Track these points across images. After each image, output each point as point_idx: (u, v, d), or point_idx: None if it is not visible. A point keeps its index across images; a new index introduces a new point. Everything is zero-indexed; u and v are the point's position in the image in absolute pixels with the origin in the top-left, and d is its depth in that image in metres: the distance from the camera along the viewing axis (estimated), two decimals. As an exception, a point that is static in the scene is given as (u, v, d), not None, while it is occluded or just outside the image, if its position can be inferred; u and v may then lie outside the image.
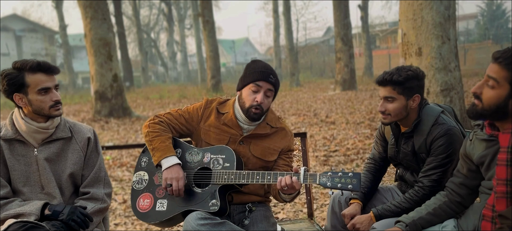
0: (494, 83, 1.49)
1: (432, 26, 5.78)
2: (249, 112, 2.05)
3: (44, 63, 1.83)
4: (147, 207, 2.07)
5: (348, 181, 1.77)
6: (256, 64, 2.10)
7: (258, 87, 2.03)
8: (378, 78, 2.01)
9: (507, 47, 1.51)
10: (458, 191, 1.75)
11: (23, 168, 1.88)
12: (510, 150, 1.49)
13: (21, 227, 1.64)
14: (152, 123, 2.12)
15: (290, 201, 2.03)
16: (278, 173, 1.90)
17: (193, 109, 2.19)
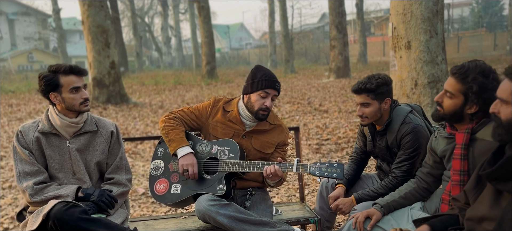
0: (451, 95, 1.78)
1: (421, 20, 6.00)
2: (258, 114, 2.36)
3: (75, 66, 2.13)
4: (163, 190, 2.38)
5: (333, 170, 2.09)
6: (263, 72, 2.40)
7: (267, 93, 2.35)
8: (353, 87, 2.30)
9: (463, 63, 1.78)
10: (425, 179, 2.05)
11: (58, 157, 2.14)
12: (464, 146, 1.78)
13: (64, 205, 1.90)
14: (168, 119, 2.42)
15: (274, 186, 2.36)
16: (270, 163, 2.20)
17: (202, 107, 2.50)
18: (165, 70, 33.19)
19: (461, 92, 1.75)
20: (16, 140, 2.14)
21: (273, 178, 2.18)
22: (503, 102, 1.42)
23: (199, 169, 2.35)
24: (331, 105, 10.11)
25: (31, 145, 2.12)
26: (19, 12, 40.16)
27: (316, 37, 40.91)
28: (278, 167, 2.15)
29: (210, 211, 2.10)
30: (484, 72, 1.72)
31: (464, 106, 1.76)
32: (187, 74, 24.98)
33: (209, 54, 19.73)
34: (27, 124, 2.19)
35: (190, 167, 2.28)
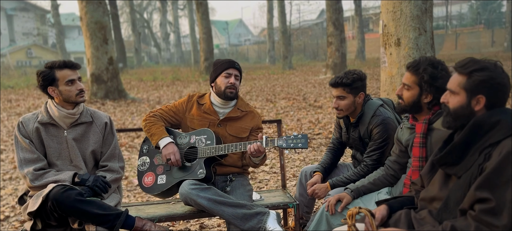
0: (408, 87, 1.98)
1: (410, 18, 6.16)
2: (225, 93, 2.58)
3: (68, 61, 2.32)
4: (150, 182, 2.58)
5: (298, 141, 2.30)
6: (221, 59, 2.68)
7: (229, 74, 2.58)
8: (331, 81, 2.50)
9: (416, 59, 1.98)
10: (392, 166, 2.24)
11: (56, 146, 2.32)
12: (422, 135, 1.96)
13: (62, 188, 2.09)
14: (149, 117, 2.65)
15: (259, 163, 2.56)
16: (246, 143, 2.41)
17: (179, 104, 2.73)
18: (164, 66, 33.28)
19: (416, 83, 1.95)
20: (17, 130, 2.32)
21: (257, 155, 2.37)
22: (452, 93, 1.60)
23: (181, 159, 2.54)
24: (326, 101, 10.27)
25: (32, 134, 2.30)
26: (17, 8, 40.17)
27: (315, 34, 40.98)
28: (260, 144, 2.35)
29: (191, 194, 2.29)
30: (433, 63, 1.94)
31: (420, 96, 1.96)
32: (185, 70, 25.09)
33: (207, 50, 19.81)
34: (28, 115, 2.36)
35: (172, 155, 2.47)
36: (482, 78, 1.52)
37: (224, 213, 2.27)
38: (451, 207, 1.55)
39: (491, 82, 1.51)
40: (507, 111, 1.53)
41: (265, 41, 37.51)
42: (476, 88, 1.53)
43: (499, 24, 33.53)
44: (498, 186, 1.41)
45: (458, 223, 1.47)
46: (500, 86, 1.52)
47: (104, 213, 2.10)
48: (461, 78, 1.56)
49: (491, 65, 1.54)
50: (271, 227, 2.25)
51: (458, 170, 1.56)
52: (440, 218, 1.56)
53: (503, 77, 1.53)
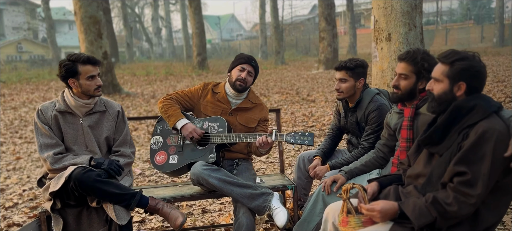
0: (405, 76, 2.17)
1: (401, 14, 6.35)
2: (235, 85, 2.78)
3: (92, 57, 2.47)
4: (162, 161, 2.76)
5: (305, 138, 2.50)
6: (242, 54, 2.89)
7: (243, 68, 2.78)
8: (335, 65, 2.72)
9: (407, 50, 2.18)
10: (382, 149, 2.44)
11: (73, 132, 2.49)
12: (410, 118, 2.17)
13: (83, 169, 2.25)
14: (165, 99, 2.81)
15: (265, 153, 2.75)
16: (256, 134, 2.60)
17: (194, 90, 2.91)
18: (156, 61, 33.22)
19: (413, 72, 2.15)
20: (37, 117, 2.47)
21: (265, 147, 2.58)
22: (436, 81, 1.80)
23: (192, 142, 2.73)
24: (319, 95, 10.49)
25: (50, 121, 2.46)
26: (7, 2, 39.69)
27: (307, 29, 41.16)
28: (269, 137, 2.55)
29: (203, 174, 2.48)
30: (425, 52, 2.16)
31: (416, 83, 2.16)
32: (178, 65, 25.12)
33: (200, 45, 19.87)
34: (46, 104, 2.52)
35: (194, 132, 2.67)
36: (463, 67, 1.72)
37: (233, 192, 2.47)
38: (433, 181, 1.76)
39: (471, 70, 1.72)
40: (483, 96, 1.74)
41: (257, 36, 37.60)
42: (458, 76, 1.73)
43: (489, 20, 34.02)
44: (474, 161, 1.62)
45: (439, 194, 1.68)
46: (478, 74, 1.73)
47: (121, 192, 2.28)
48: (444, 67, 1.77)
49: (470, 55, 1.75)
50: (275, 206, 2.45)
51: (440, 149, 1.77)
52: (424, 191, 1.77)
53: (481, 66, 1.74)
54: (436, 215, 1.65)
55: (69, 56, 2.46)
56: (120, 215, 2.25)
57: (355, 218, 1.83)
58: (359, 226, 1.82)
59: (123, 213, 2.27)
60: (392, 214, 1.74)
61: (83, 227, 2.39)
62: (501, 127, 1.64)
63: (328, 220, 2.01)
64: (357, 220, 1.83)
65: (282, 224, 2.41)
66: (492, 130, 1.62)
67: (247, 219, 2.43)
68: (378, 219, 1.76)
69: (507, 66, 13.59)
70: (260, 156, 2.81)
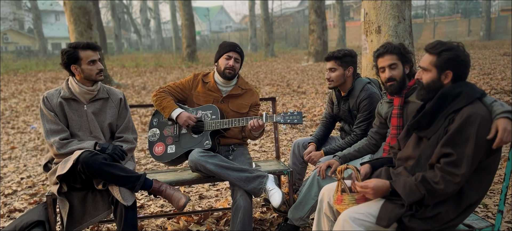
0: (395, 65, 2.32)
1: (390, 7, 6.51)
2: (224, 73, 2.87)
3: (91, 43, 2.55)
4: (161, 152, 2.86)
5: (294, 117, 2.62)
6: (226, 42, 2.97)
7: (229, 56, 2.86)
8: (325, 56, 2.86)
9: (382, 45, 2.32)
10: (374, 136, 2.58)
11: (77, 118, 2.57)
12: (399, 107, 2.30)
13: (90, 153, 2.34)
14: (159, 92, 2.91)
15: (258, 136, 2.87)
16: (248, 118, 2.71)
17: (185, 81, 3.00)
18: (145, 53, 33.02)
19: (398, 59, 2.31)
20: (42, 103, 2.54)
21: (257, 129, 2.69)
22: (424, 70, 1.93)
23: (189, 131, 2.84)
24: (309, 87, 10.62)
25: (56, 108, 2.53)
26: (-8, -8, 38.84)
27: (296, 21, 41.25)
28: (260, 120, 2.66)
29: (201, 161, 2.59)
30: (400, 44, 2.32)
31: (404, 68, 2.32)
32: (168, 56, 25.03)
33: (190, 36, 19.80)
34: (51, 91, 2.59)
35: (189, 120, 2.78)
36: (449, 56, 1.85)
37: (229, 176, 2.58)
38: (422, 163, 1.90)
39: (457, 59, 1.85)
40: (467, 84, 1.88)
41: (246, 28, 37.57)
42: (445, 65, 1.86)
43: (476, 13, 34.50)
44: (459, 143, 1.76)
45: (427, 174, 1.82)
46: (463, 62, 1.86)
47: (126, 175, 2.37)
48: (432, 57, 1.90)
49: (455, 46, 1.88)
50: (271, 187, 2.57)
51: (428, 133, 1.91)
52: (413, 172, 1.91)
53: (465, 55, 1.87)
54: (425, 192, 1.79)
55: (69, 44, 2.55)
56: (125, 197, 2.35)
57: (349, 196, 1.97)
58: (352, 204, 1.95)
59: (128, 195, 2.37)
60: (384, 191, 1.88)
61: (88, 210, 2.49)
62: (484, 112, 1.78)
63: (323, 199, 2.14)
64: (351, 198, 1.96)
65: (277, 204, 2.53)
66: (476, 114, 1.76)
67: (244, 201, 2.54)
68: (371, 196, 1.89)
69: (493, 60, 13.91)
70: (254, 139, 2.93)
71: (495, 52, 16.85)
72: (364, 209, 1.88)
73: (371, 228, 1.84)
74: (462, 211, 1.86)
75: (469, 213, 1.91)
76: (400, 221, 1.82)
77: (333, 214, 2.12)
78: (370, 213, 1.86)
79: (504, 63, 12.69)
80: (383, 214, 1.83)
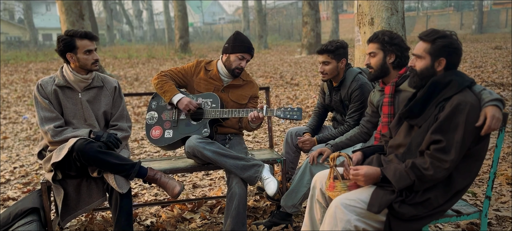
0: (374, 53, 2.35)
1: (383, -1, 6.52)
2: (234, 71, 2.89)
3: (89, 32, 2.53)
4: (158, 135, 2.87)
5: (294, 113, 2.64)
6: (243, 38, 2.90)
7: (243, 57, 2.87)
8: (317, 49, 2.86)
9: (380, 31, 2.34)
10: (366, 125, 2.62)
11: (72, 106, 2.57)
12: (390, 95, 2.34)
13: (85, 141, 2.34)
14: (160, 75, 2.91)
15: (256, 128, 2.89)
16: (248, 110, 2.73)
17: (187, 67, 3.00)
18: (137, 44, 32.78)
19: (380, 48, 2.34)
20: (37, 91, 2.54)
21: (256, 121, 2.71)
22: (418, 57, 1.96)
23: (187, 118, 2.85)
24: (302, 79, 10.66)
25: (50, 96, 2.53)
26: (-19, -19, 38.17)
27: (290, 13, 41.18)
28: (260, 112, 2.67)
29: (199, 147, 2.61)
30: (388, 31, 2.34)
31: (384, 60, 2.35)
32: (160, 48, 24.87)
33: (182, 28, 19.68)
34: (45, 78, 2.59)
35: (190, 105, 2.78)
36: (443, 44, 1.89)
37: (226, 164, 2.60)
38: (413, 150, 1.94)
39: (450, 46, 1.89)
40: (458, 72, 1.92)
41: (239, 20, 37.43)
42: (439, 52, 1.90)
43: (468, 7, 34.69)
44: (448, 130, 1.80)
45: (417, 160, 1.86)
46: (456, 50, 1.90)
47: (121, 163, 2.39)
48: (426, 45, 1.93)
49: (449, 34, 1.92)
50: (266, 176, 2.61)
51: (419, 121, 1.95)
52: (404, 159, 1.95)
53: (458, 43, 1.91)
54: (414, 178, 1.83)
55: (67, 31, 2.53)
56: (120, 184, 2.37)
57: (341, 183, 2.01)
58: (344, 190, 1.99)
59: (123, 182, 2.39)
60: (375, 178, 1.92)
61: (83, 197, 2.50)
62: (473, 100, 1.82)
63: (316, 186, 2.18)
64: (343, 185, 2.00)
65: (272, 192, 2.57)
66: (465, 102, 1.80)
67: (239, 188, 2.57)
68: (362, 182, 1.93)
69: (484, 53, 14.05)
70: (250, 130, 2.95)
71: (487, 45, 17.00)
72: (355, 195, 1.92)
73: (362, 214, 1.88)
74: (450, 197, 1.91)
75: (458, 199, 1.96)
76: (390, 207, 1.87)
77: (325, 200, 2.16)
78: (361, 199, 1.90)
79: (495, 56, 12.83)
80: (374, 200, 1.87)
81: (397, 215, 1.86)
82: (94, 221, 2.96)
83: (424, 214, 1.88)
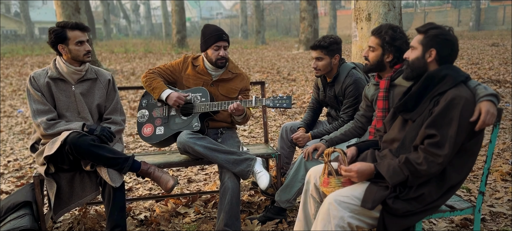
0: (373, 49, 2.32)
1: (380, -6, 6.50)
2: (216, 63, 2.84)
3: (80, 23, 2.51)
4: (149, 133, 2.85)
5: (283, 102, 2.61)
6: (210, 29, 2.84)
7: (218, 46, 2.80)
8: (311, 44, 2.83)
9: (380, 24, 2.31)
10: (360, 120, 2.60)
11: (65, 99, 2.54)
12: (385, 90, 2.32)
13: (78, 134, 2.32)
14: (149, 73, 2.89)
15: (241, 121, 2.86)
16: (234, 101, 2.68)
17: (175, 64, 2.98)
18: (134, 39, 32.65)
19: (379, 45, 2.30)
20: (29, 83, 2.51)
21: (237, 113, 2.68)
22: (412, 49, 1.96)
23: (177, 113, 2.83)
24: (299, 74, 10.64)
25: (43, 88, 2.50)
26: (-23, -27, 37.85)
27: (287, 9, 41.11)
28: (239, 103, 2.65)
29: (189, 142, 2.59)
30: (392, 27, 2.28)
31: (383, 56, 2.31)
32: (157, 42, 24.80)
33: (180, 23, 19.62)
34: (38, 71, 2.56)
35: (179, 99, 2.76)
36: (434, 34, 1.88)
37: (218, 159, 2.59)
38: (407, 145, 1.93)
39: (441, 37, 1.88)
40: (453, 67, 1.91)
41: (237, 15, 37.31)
42: (429, 42, 1.89)
43: (466, 4, 34.71)
44: (442, 125, 1.79)
45: (410, 155, 1.85)
46: (448, 42, 1.88)
47: (114, 156, 2.37)
48: (420, 36, 1.93)
49: (444, 27, 1.91)
50: (258, 170, 2.59)
51: (413, 115, 1.94)
52: (398, 154, 1.93)
53: (452, 36, 1.90)
54: (408, 173, 1.82)
55: (58, 23, 2.51)
56: (113, 178, 2.35)
57: (336, 179, 1.99)
58: (339, 186, 1.98)
59: (117, 176, 2.37)
60: (369, 174, 1.91)
61: (76, 191, 2.48)
62: (468, 95, 1.81)
63: (310, 181, 2.17)
64: (337, 181, 1.99)
65: (265, 186, 2.55)
66: (460, 97, 1.79)
67: (232, 183, 2.56)
68: (355, 179, 1.93)
69: (481, 50, 14.07)
70: (238, 124, 2.92)
71: (484, 42, 17.03)
72: (349, 192, 1.91)
73: (356, 211, 1.87)
74: (444, 192, 1.90)
75: (452, 194, 1.95)
76: (384, 203, 1.86)
77: (319, 195, 2.15)
78: (355, 195, 1.89)
79: (492, 53, 12.84)
80: (368, 196, 1.86)
81: (391, 211, 1.85)
82: (87, 215, 2.94)
83: (418, 209, 1.88)
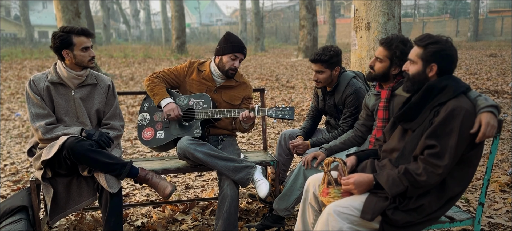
0: (380, 60, 2.30)
1: (380, 4, 6.54)
2: (227, 72, 2.85)
3: (85, 29, 2.50)
4: (149, 137, 2.83)
5: (286, 113, 2.61)
6: (234, 38, 2.87)
7: (236, 57, 2.83)
8: (311, 57, 2.82)
9: (390, 35, 2.31)
10: (360, 129, 2.60)
11: (64, 103, 2.53)
12: (386, 100, 2.32)
13: (76, 139, 2.31)
14: (152, 77, 2.87)
15: (248, 129, 2.86)
16: (240, 110, 2.70)
17: (180, 68, 2.97)
18: (133, 44, 32.69)
19: (388, 57, 2.28)
20: (28, 87, 2.50)
21: (248, 121, 2.68)
22: (411, 62, 1.95)
23: (179, 118, 2.81)
24: (298, 82, 10.66)
25: (43, 92, 2.49)
26: (-23, -24, 37.92)
27: (287, 17, 41.26)
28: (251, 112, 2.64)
29: (190, 148, 2.58)
30: (403, 41, 2.26)
31: (390, 68, 2.30)
32: (157, 48, 24.81)
33: (179, 28, 19.66)
34: (38, 75, 2.55)
35: (172, 111, 2.75)
36: (435, 50, 1.87)
37: (218, 165, 2.57)
38: (406, 155, 1.92)
39: (442, 53, 1.87)
40: (453, 78, 1.90)
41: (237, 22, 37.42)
42: (430, 58, 1.89)
43: (464, 14, 34.92)
44: (442, 135, 1.79)
45: (410, 166, 1.84)
46: (449, 57, 1.88)
47: (112, 162, 2.35)
48: (419, 50, 1.92)
49: (443, 40, 1.90)
50: (258, 178, 2.58)
51: (413, 125, 1.93)
52: (398, 164, 1.93)
53: (452, 49, 1.89)
54: (408, 184, 1.81)
55: (63, 28, 2.49)
56: (111, 184, 2.33)
57: (335, 189, 1.98)
58: (338, 197, 1.96)
59: (114, 182, 2.35)
60: (367, 185, 1.90)
61: (73, 196, 2.46)
62: (468, 106, 1.81)
63: (309, 190, 2.16)
64: (337, 191, 1.97)
65: (264, 194, 2.54)
66: (460, 108, 1.79)
67: (231, 190, 2.54)
68: (354, 190, 1.91)
69: (479, 60, 14.13)
70: (243, 131, 2.92)
71: (482, 53, 17.11)
72: (348, 202, 1.90)
73: (355, 222, 1.86)
74: (444, 203, 1.90)
75: (451, 205, 1.94)
76: (384, 214, 1.85)
77: (318, 204, 2.13)
78: (355, 206, 1.88)
79: (490, 64, 12.90)
80: (367, 207, 1.85)
81: (390, 222, 1.84)
82: (83, 221, 2.92)
83: (417, 220, 1.87)
